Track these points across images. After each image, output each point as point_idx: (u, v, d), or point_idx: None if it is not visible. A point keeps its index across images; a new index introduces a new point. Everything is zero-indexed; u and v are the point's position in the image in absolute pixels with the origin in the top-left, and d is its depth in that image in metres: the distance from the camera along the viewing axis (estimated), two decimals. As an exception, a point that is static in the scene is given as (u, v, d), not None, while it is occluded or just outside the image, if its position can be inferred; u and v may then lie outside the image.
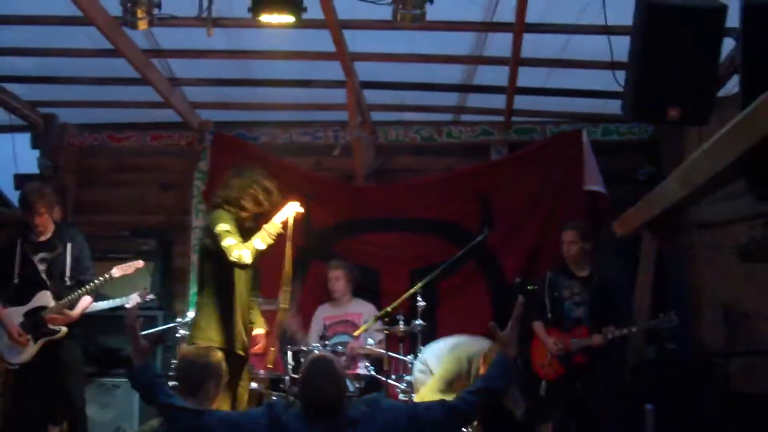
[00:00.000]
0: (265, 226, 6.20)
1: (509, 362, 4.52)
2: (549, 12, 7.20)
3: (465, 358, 7.22)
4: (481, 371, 6.46)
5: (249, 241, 6.10)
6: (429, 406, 4.51)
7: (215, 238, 6.13)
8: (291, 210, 6.27)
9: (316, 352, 7.23)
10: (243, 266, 6.13)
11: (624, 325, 7.47)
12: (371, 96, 9.27)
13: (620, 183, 8.96)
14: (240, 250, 6.02)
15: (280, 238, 6.22)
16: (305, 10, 5.94)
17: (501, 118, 9.44)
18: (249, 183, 6.40)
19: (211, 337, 6.11)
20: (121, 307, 7.82)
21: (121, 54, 7.73)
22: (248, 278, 6.38)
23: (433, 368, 7.27)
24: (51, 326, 7.26)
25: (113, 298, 7.82)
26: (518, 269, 8.87)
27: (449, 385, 7.06)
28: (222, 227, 6.13)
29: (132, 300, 7.64)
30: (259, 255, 6.14)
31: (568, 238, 7.78)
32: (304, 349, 7.33)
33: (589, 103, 9.03)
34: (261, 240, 6.10)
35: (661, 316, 7.44)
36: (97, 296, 7.59)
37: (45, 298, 7.29)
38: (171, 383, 4.89)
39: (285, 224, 6.26)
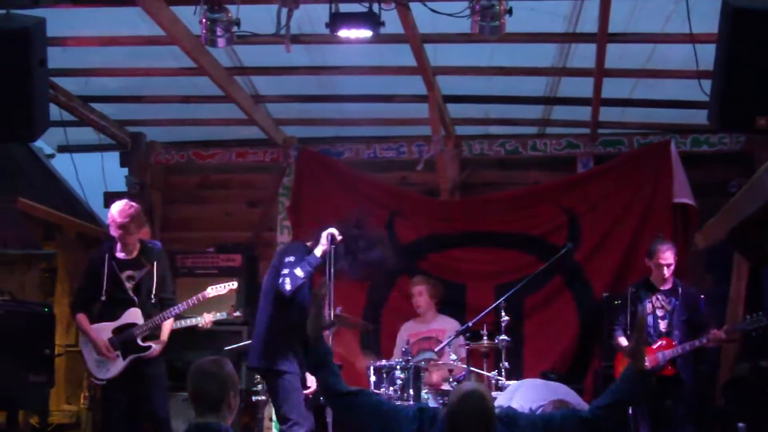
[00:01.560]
0: (307, 257, 6.54)
1: (637, 374, 4.43)
2: (633, 21, 7.11)
3: None
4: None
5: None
6: (564, 416, 4.47)
7: None
8: (329, 238, 6.51)
9: (465, 384, 7.28)
10: (283, 294, 6.52)
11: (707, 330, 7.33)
12: (454, 110, 9.24)
13: (711, 195, 8.79)
14: (282, 279, 6.50)
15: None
16: (383, 24, 5.93)
17: (587, 131, 9.34)
18: None
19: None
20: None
21: (205, 72, 7.84)
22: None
23: None
24: (141, 343, 7.35)
25: (195, 314, 7.87)
26: (607, 284, 8.75)
27: None
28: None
29: (205, 319, 7.68)
30: (301, 283, 6.50)
31: (664, 259, 7.61)
32: (386, 364, 7.30)
33: (677, 113, 8.88)
34: (300, 269, 6.49)
35: (748, 318, 7.29)
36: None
37: (135, 316, 7.39)
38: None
39: (324, 254, 6.46)
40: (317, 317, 4.70)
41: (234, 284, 7.87)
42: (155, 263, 7.52)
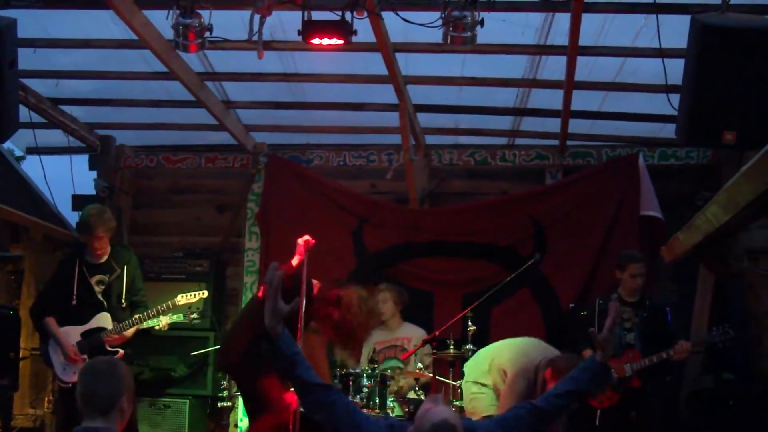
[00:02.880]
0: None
1: (600, 365, 4.45)
2: (603, 35, 7.16)
3: (532, 370, 6.92)
4: (549, 386, 6.28)
5: None
6: (516, 413, 4.47)
7: None
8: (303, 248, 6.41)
9: (435, 412, 7.25)
10: None
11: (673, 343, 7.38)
12: (425, 119, 9.26)
13: (678, 208, 8.80)
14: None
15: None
16: (355, 33, 5.94)
17: (556, 142, 9.37)
18: None
19: None
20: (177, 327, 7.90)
21: (176, 77, 7.81)
22: None
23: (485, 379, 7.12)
24: (109, 347, 7.32)
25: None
26: (573, 295, 8.76)
27: (522, 399, 6.89)
28: None
29: (162, 322, 7.64)
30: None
31: (637, 270, 7.66)
32: (352, 372, 7.28)
33: (646, 126, 8.94)
34: None
35: (714, 330, 7.35)
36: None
37: (104, 320, 7.37)
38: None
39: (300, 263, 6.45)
40: (273, 304, 4.28)
41: (204, 293, 7.86)
42: (126, 266, 7.50)
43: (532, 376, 6.78)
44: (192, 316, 8.03)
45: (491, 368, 6.96)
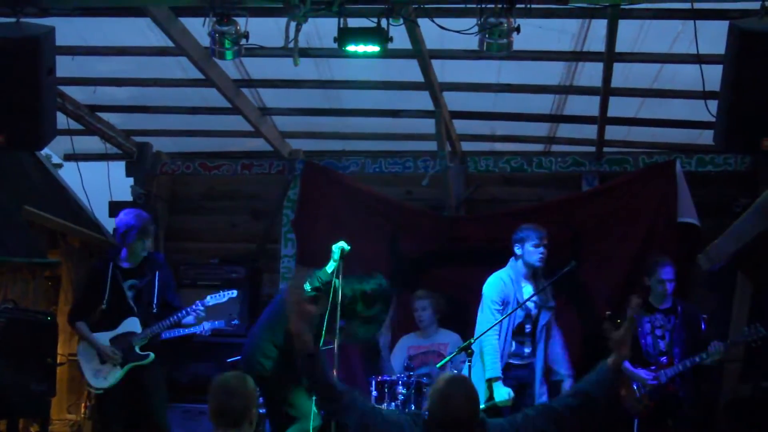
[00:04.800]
0: (316, 272, 6.44)
1: (607, 370, 4.41)
2: (640, 41, 7.12)
3: None
4: None
5: None
6: (536, 411, 4.46)
7: None
8: (338, 253, 6.46)
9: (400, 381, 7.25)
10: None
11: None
12: (461, 126, 9.27)
13: (716, 215, 8.79)
14: None
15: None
16: (391, 39, 5.95)
17: (592, 149, 9.35)
18: None
19: None
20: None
21: (213, 84, 7.87)
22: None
23: None
24: (139, 351, 7.37)
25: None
26: (610, 302, 8.70)
27: None
28: None
29: (204, 328, 7.71)
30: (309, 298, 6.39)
31: (664, 275, 7.64)
32: (388, 378, 7.30)
33: (683, 133, 8.90)
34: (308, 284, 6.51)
35: (745, 330, 7.32)
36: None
37: (133, 325, 7.42)
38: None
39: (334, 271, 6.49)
40: (301, 325, 4.38)
41: (233, 293, 7.92)
42: (157, 273, 7.55)
43: None
44: (233, 322, 8.09)
45: None
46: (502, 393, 7.16)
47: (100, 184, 9.62)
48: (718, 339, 7.48)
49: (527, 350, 7.51)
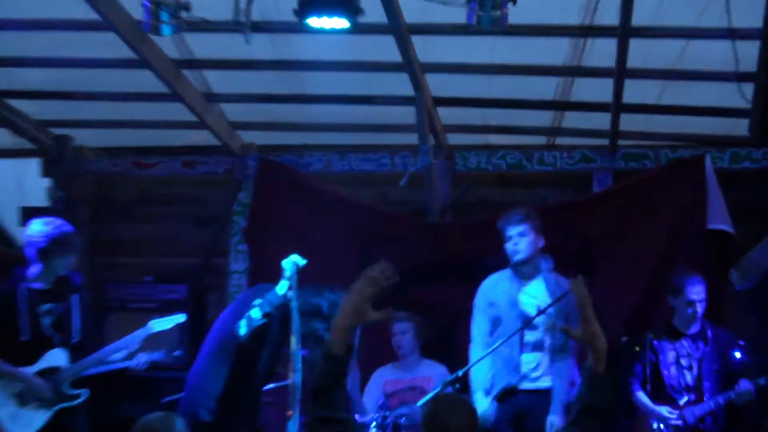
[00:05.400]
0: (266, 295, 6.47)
1: (594, 376, 4.47)
2: (661, 12, 7.16)
3: None
4: None
5: None
6: None
7: None
8: (291, 269, 6.45)
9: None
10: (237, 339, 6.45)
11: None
12: (446, 115, 9.32)
13: (753, 221, 8.84)
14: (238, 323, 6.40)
15: None
16: (362, 11, 5.98)
17: (605, 142, 9.41)
18: None
19: None
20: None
21: (148, 65, 7.87)
22: None
23: None
24: (69, 391, 7.33)
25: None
26: (626, 326, 8.75)
27: None
28: None
29: (140, 361, 7.68)
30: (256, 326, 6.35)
31: (695, 295, 7.66)
32: (359, 420, 7.31)
33: (713, 122, 8.98)
34: (259, 309, 6.37)
35: None
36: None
37: (57, 358, 7.35)
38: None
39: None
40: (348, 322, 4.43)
41: (182, 317, 7.88)
42: (77, 295, 7.52)
43: None
44: (175, 353, 8.07)
45: None
46: (482, 404, 7.20)
47: (9, 186, 9.58)
48: (757, 370, 7.52)
49: (529, 368, 7.45)
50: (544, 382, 7.32)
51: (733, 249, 8.64)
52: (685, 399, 7.50)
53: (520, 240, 7.50)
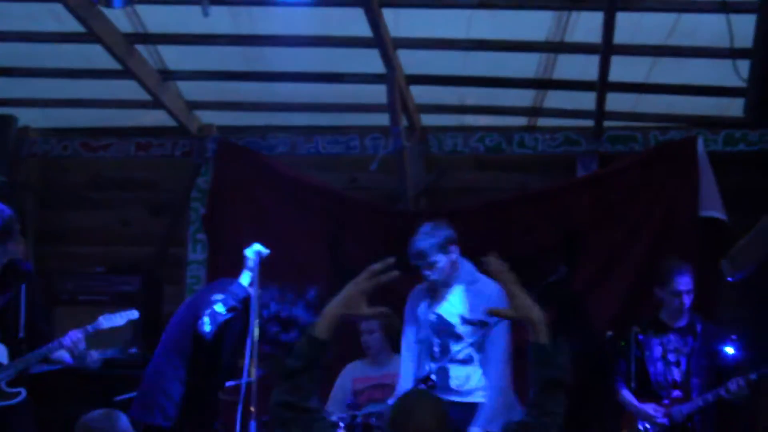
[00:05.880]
0: (230, 288, 6.42)
1: (540, 348, 4.43)
2: (650, -17, 7.18)
3: None
4: None
5: None
6: None
7: None
8: (254, 259, 6.41)
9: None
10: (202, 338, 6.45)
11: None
12: (420, 94, 9.30)
13: (748, 208, 8.84)
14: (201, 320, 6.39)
15: None
16: (329, -18, 5.96)
17: (589, 123, 9.42)
18: None
19: None
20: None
21: (97, 39, 7.80)
22: None
23: None
24: (7, 389, 7.28)
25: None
26: (611, 320, 8.77)
27: None
28: None
29: (91, 357, 7.63)
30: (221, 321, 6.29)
31: (681, 286, 7.67)
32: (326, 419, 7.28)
33: (706, 102, 9.00)
34: (222, 304, 6.31)
35: None
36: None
37: None
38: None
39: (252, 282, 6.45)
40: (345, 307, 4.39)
41: (134, 314, 7.82)
42: (23, 287, 7.45)
43: None
44: (131, 350, 8.03)
45: None
46: None
47: (-54, 170, 9.53)
48: (749, 365, 7.54)
49: (458, 383, 7.39)
50: (477, 397, 7.27)
51: (725, 238, 8.66)
52: (673, 396, 7.51)
53: (431, 271, 7.37)
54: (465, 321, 7.07)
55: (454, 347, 7.17)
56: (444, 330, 7.18)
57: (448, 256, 7.18)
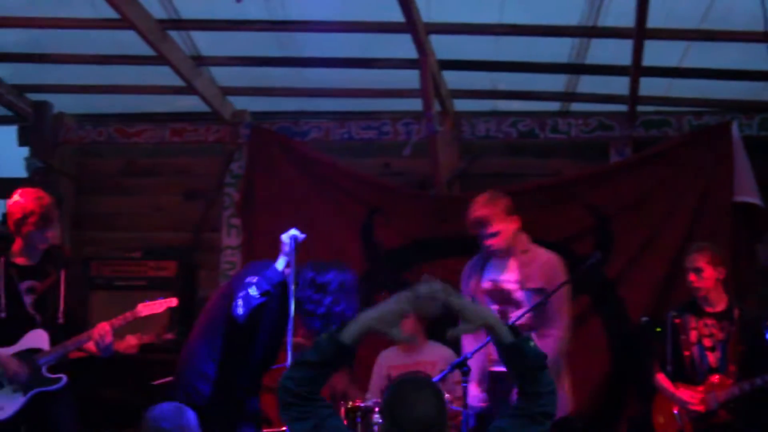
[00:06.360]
0: (265, 272, 6.41)
1: (509, 347, 4.40)
2: (684, -33, 7.14)
3: None
4: None
5: None
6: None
7: None
8: (291, 244, 6.40)
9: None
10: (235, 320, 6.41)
11: None
12: (453, 79, 9.26)
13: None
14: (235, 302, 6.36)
15: None
16: (362, -33, 5.95)
17: (623, 108, 9.38)
18: None
19: None
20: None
21: (131, 25, 7.80)
22: None
23: None
24: (48, 375, 7.30)
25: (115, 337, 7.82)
26: (646, 306, 8.76)
27: None
28: None
29: (128, 343, 7.65)
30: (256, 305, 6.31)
31: (693, 263, 7.63)
32: (362, 405, 7.30)
33: (741, 86, 8.96)
34: (255, 288, 6.31)
35: None
36: None
37: (39, 339, 7.31)
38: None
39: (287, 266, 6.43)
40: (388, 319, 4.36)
41: (173, 302, 7.82)
42: (63, 272, 7.47)
43: None
44: (167, 335, 8.05)
45: None
46: None
47: (-16, 156, 9.58)
48: None
49: None
50: None
51: (761, 223, 8.62)
52: (708, 382, 7.47)
53: (495, 239, 7.36)
54: (523, 287, 7.14)
55: (513, 314, 7.21)
56: (503, 297, 7.21)
57: (510, 223, 7.20)
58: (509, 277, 7.28)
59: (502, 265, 7.35)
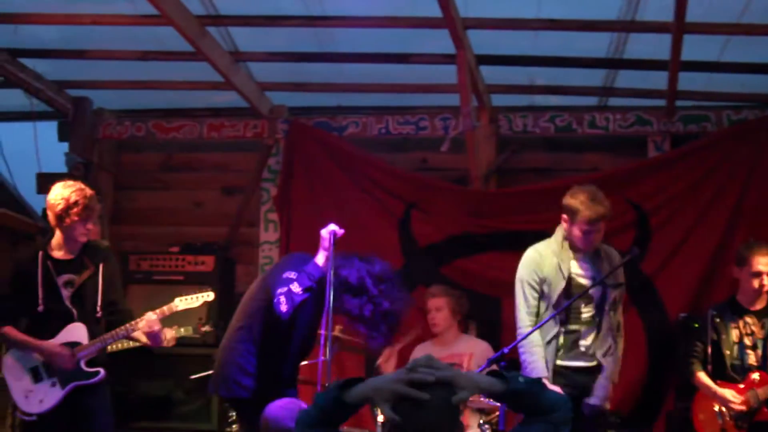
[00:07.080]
0: (305, 268, 6.44)
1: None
2: (724, -40, 7.09)
3: None
4: None
5: None
6: None
7: None
8: (331, 238, 6.42)
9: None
10: (279, 317, 6.42)
11: None
12: (490, 74, 9.24)
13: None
14: (277, 299, 6.39)
15: None
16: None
17: (662, 102, 9.34)
18: None
19: None
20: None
21: (169, 21, 7.82)
22: None
23: None
24: (86, 368, 7.32)
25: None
26: (684, 302, 8.73)
27: None
28: None
29: (166, 336, 7.65)
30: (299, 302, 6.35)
31: (762, 266, 7.54)
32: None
33: (782, 81, 8.87)
34: (297, 284, 6.35)
35: None
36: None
37: (78, 333, 7.32)
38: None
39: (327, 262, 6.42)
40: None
41: (210, 295, 7.84)
42: (101, 265, 7.49)
43: None
44: (204, 328, 8.07)
45: None
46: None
47: (25, 151, 9.60)
48: None
49: (586, 345, 7.35)
50: (601, 361, 7.25)
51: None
52: (749, 380, 7.41)
53: (593, 238, 7.32)
54: (596, 282, 7.11)
55: (585, 309, 7.19)
56: (576, 292, 7.16)
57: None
58: (583, 272, 7.24)
59: (576, 259, 7.30)
